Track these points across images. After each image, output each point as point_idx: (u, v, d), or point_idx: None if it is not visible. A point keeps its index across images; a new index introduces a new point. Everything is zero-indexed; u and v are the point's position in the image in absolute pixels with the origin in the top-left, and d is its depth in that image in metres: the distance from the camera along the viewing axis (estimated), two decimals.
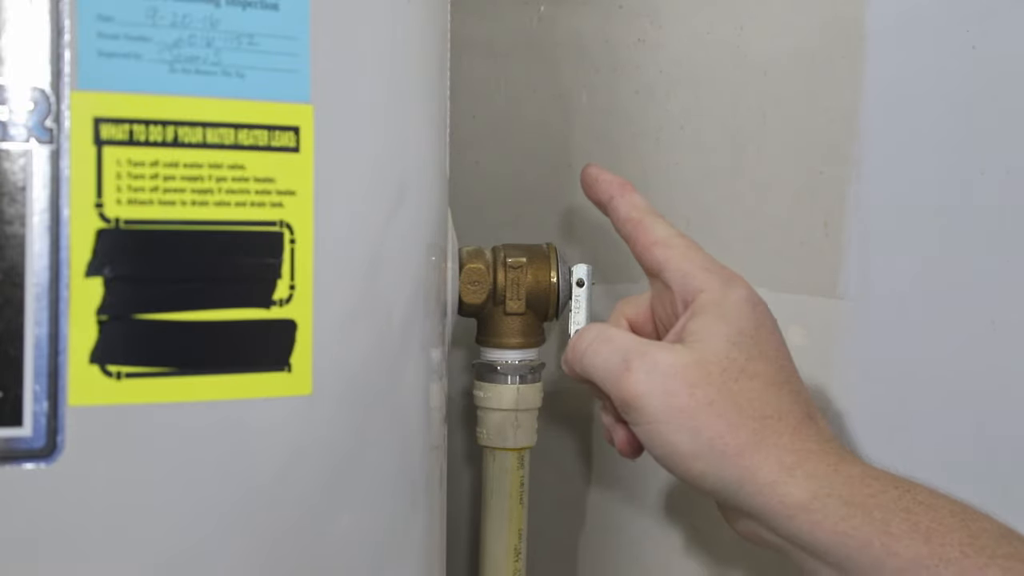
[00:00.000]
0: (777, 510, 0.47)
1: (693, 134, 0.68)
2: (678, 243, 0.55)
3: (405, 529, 0.51)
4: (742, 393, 0.49)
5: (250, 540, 0.46)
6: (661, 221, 0.56)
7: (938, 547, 0.44)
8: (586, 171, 0.59)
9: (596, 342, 0.53)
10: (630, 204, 0.57)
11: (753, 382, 0.50)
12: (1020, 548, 0.44)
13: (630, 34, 0.69)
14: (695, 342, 0.51)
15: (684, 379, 0.49)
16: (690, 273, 0.53)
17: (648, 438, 0.50)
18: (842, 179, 0.63)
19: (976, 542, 0.44)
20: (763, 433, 0.49)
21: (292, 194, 0.45)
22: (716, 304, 0.52)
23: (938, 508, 0.46)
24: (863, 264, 0.63)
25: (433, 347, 0.53)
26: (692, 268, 0.53)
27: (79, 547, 0.43)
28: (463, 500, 0.75)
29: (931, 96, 0.61)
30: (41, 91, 0.41)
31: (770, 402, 0.50)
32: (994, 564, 0.43)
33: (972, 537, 0.45)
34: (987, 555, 0.44)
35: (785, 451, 0.48)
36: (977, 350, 0.60)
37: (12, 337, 0.41)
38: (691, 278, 0.53)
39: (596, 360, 0.52)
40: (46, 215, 0.42)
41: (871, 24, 0.62)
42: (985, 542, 0.44)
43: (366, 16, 0.47)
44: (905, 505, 0.46)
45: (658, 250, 0.55)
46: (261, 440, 0.45)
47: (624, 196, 0.57)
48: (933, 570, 0.44)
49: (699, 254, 0.54)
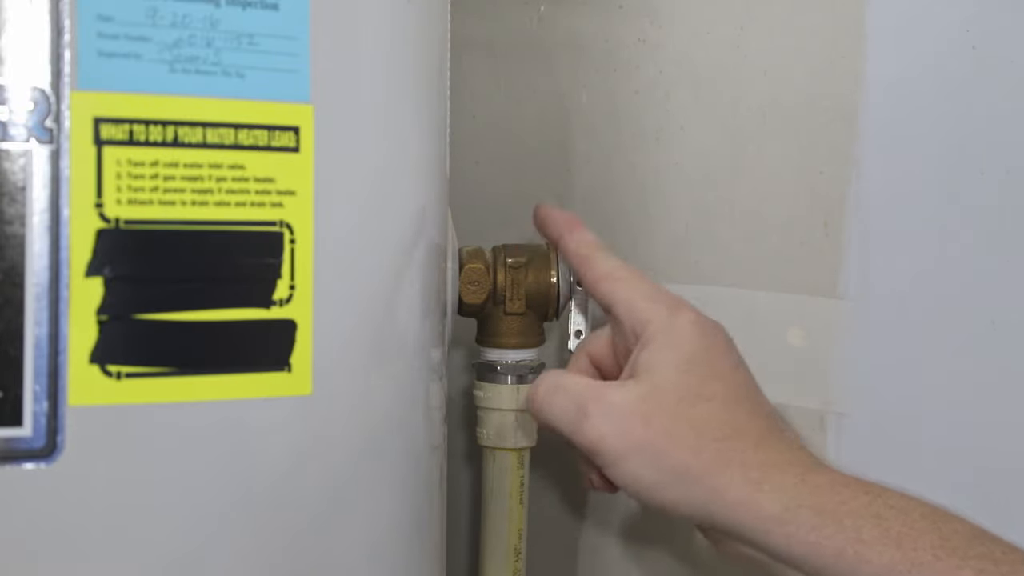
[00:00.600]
0: (751, 526, 0.47)
1: (693, 134, 0.68)
2: (623, 275, 0.55)
3: (405, 528, 0.51)
4: (700, 417, 0.50)
5: (250, 540, 0.46)
6: (607, 255, 0.56)
7: (910, 552, 0.44)
8: (537, 210, 0.60)
9: (549, 393, 0.53)
10: (578, 241, 0.57)
11: (710, 404, 0.50)
12: (992, 548, 0.45)
13: (630, 34, 0.69)
14: (646, 373, 0.51)
15: (639, 414, 0.50)
16: (636, 304, 0.54)
17: (617, 477, 0.51)
18: (842, 179, 0.63)
19: (947, 544, 0.44)
20: (726, 453, 0.49)
21: (292, 194, 0.45)
22: (664, 332, 0.52)
23: (909, 512, 0.46)
24: (863, 264, 0.62)
25: (433, 347, 0.53)
26: (637, 299, 0.54)
27: (79, 547, 0.43)
28: (463, 500, 0.75)
29: (931, 96, 0.61)
30: (41, 91, 0.41)
31: (729, 421, 0.50)
32: (966, 566, 0.44)
33: (944, 539, 0.45)
34: (959, 557, 0.44)
35: (750, 467, 0.48)
36: (977, 350, 0.60)
37: (12, 337, 0.41)
38: (637, 310, 0.53)
39: (554, 411, 0.52)
40: (46, 215, 0.42)
41: (871, 24, 0.61)
42: (957, 544, 0.44)
43: (366, 16, 0.47)
44: (876, 511, 0.46)
45: (605, 284, 0.55)
46: (261, 440, 0.45)
47: (572, 233, 0.58)
48: (906, 575, 0.44)
49: (644, 284, 0.55)
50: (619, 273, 0.55)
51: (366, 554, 0.49)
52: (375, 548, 0.50)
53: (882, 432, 0.63)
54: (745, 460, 0.49)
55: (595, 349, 0.57)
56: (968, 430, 0.61)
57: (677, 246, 0.69)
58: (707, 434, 0.49)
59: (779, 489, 0.47)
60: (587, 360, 0.58)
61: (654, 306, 0.53)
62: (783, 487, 0.48)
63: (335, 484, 0.47)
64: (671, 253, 0.69)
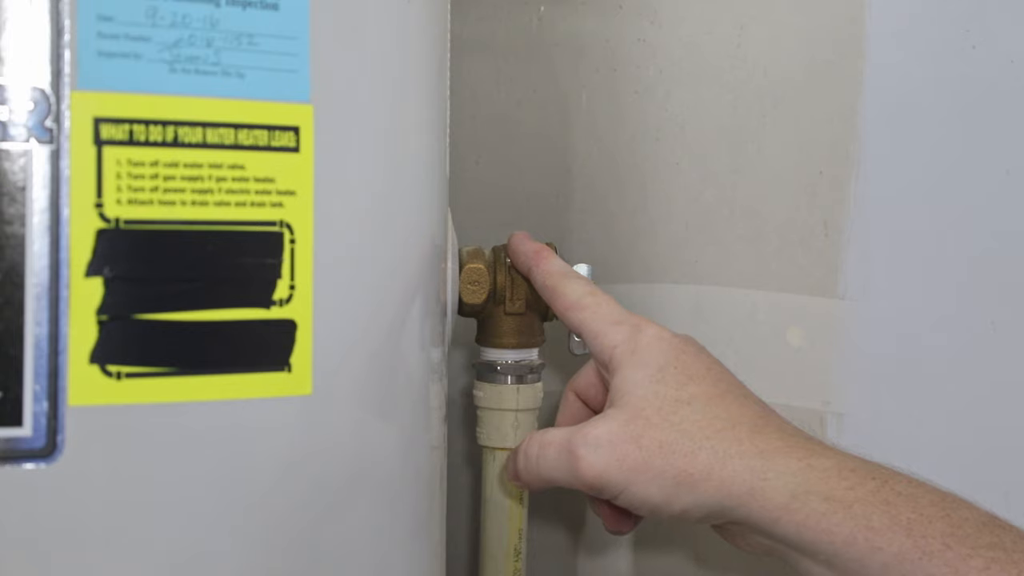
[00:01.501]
0: (760, 515, 0.48)
1: (693, 134, 0.68)
2: (588, 302, 0.55)
3: (405, 529, 0.51)
4: (685, 420, 0.50)
5: (249, 539, 0.46)
6: (574, 283, 0.57)
7: (920, 539, 0.44)
8: (510, 242, 0.60)
9: (539, 449, 0.53)
10: (544, 272, 0.58)
11: (692, 405, 0.50)
12: (1003, 537, 0.44)
13: (630, 34, 0.69)
14: (623, 397, 0.52)
15: (628, 438, 0.50)
16: (601, 331, 0.54)
17: (627, 504, 0.51)
18: (842, 179, 0.63)
19: (958, 532, 0.44)
20: (722, 446, 0.49)
21: (292, 194, 0.45)
22: (630, 353, 0.52)
23: (918, 498, 0.46)
24: (863, 264, 0.62)
25: (433, 347, 0.53)
26: (602, 326, 0.54)
27: (79, 547, 0.43)
28: (463, 500, 0.75)
29: (931, 96, 0.61)
30: (41, 91, 0.41)
31: (718, 415, 0.50)
32: (976, 555, 0.43)
33: (954, 527, 0.45)
34: (969, 545, 0.44)
35: (750, 456, 0.48)
36: (977, 350, 0.60)
37: (12, 337, 0.41)
38: (603, 336, 0.54)
39: (548, 464, 0.52)
40: (46, 215, 0.42)
41: (871, 24, 0.61)
42: (967, 531, 0.44)
43: (366, 16, 0.47)
44: (885, 497, 0.46)
45: (572, 314, 0.56)
46: (261, 440, 0.45)
47: (539, 265, 0.58)
48: (917, 563, 0.44)
49: (609, 308, 0.55)
50: (585, 301, 0.56)
51: (365, 554, 0.49)
52: (374, 548, 0.50)
53: (882, 432, 0.62)
54: (743, 451, 0.49)
55: (581, 385, 0.58)
56: (968, 430, 0.61)
57: (677, 246, 0.69)
58: (698, 435, 0.49)
59: (784, 475, 0.47)
60: (574, 398, 0.58)
61: (618, 328, 0.54)
62: (788, 472, 0.47)
63: (335, 484, 0.47)
64: (671, 253, 0.69)
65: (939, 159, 0.61)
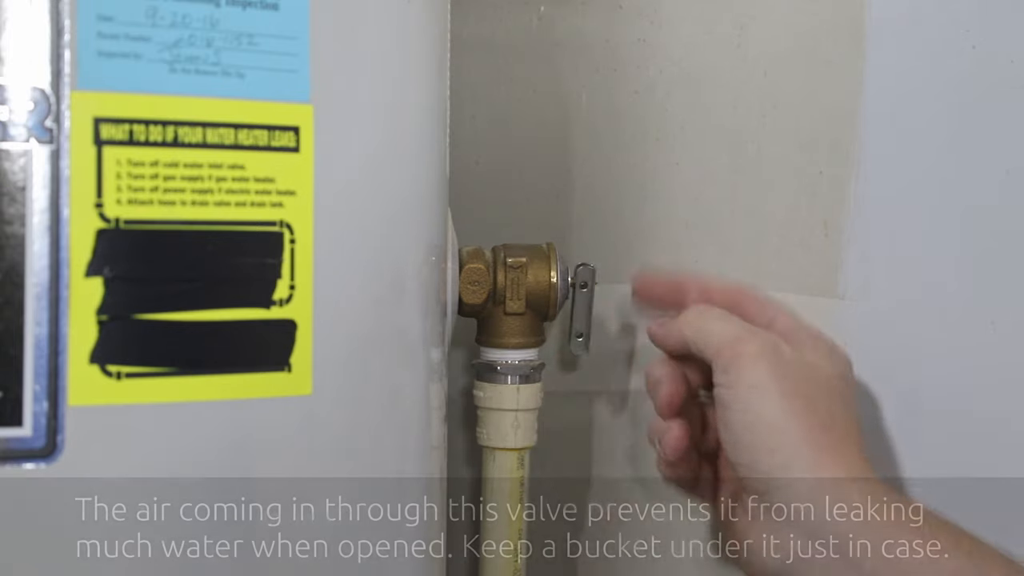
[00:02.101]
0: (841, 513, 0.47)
1: (693, 134, 0.68)
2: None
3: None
4: (830, 409, 0.50)
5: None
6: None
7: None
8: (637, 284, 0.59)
9: (714, 315, 0.53)
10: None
11: (833, 403, 0.51)
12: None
13: (630, 34, 0.69)
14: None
15: (796, 372, 0.50)
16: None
17: (736, 400, 0.50)
18: (842, 179, 0.63)
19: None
20: (846, 442, 0.49)
21: (292, 194, 0.45)
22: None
23: None
24: (863, 264, 0.62)
25: (433, 347, 0.53)
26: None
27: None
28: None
29: (931, 96, 0.61)
30: (41, 91, 0.41)
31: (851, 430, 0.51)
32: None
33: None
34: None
35: (856, 465, 0.48)
36: (977, 350, 0.60)
37: (12, 337, 0.41)
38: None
39: (715, 324, 0.52)
40: (46, 215, 0.42)
41: (871, 24, 0.61)
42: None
43: (366, 16, 0.47)
44: None
45: None
46: (261, 440, 0.45)
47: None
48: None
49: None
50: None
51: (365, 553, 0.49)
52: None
53: (882, 432, 0.62)
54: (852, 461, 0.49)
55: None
56: (968, 430, 0.61)
57: (677, 246, 0.69)
58: (836, 429, 0.49)
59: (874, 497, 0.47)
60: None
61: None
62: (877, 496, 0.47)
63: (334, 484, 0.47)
64: (671, 253, 0.69)
65: (939, 159, 0.61)
